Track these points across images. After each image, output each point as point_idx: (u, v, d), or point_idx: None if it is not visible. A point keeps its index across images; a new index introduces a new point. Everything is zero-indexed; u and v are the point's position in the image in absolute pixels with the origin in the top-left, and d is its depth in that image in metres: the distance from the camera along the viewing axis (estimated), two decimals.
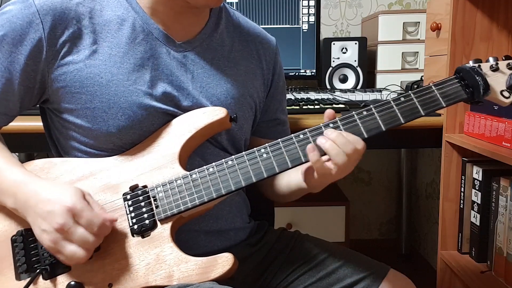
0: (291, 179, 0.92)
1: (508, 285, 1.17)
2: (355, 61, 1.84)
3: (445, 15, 1.40)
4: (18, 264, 0.80)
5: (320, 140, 0.77)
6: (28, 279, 0.79)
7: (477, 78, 0.79)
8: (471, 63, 0.82)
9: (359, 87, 1.84)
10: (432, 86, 0.79)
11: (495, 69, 0.81)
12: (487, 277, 1.24)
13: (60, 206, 0.73)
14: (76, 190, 0.76)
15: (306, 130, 0.79)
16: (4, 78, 0.82)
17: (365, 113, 0.79)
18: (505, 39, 1.30)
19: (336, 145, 0.75)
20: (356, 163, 0.78)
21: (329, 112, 0.80)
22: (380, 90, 1.67)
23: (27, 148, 1.45)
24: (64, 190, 0.76)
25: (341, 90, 1.71)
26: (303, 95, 1.63)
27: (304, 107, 1.42)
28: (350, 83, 1.85)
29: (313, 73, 1.85)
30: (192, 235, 0.89)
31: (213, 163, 0.81)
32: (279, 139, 0.80)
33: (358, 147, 0.76)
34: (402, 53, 1.82)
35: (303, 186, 0.86)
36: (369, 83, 1.88)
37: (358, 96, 1.59)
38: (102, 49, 0.84)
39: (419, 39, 1.81)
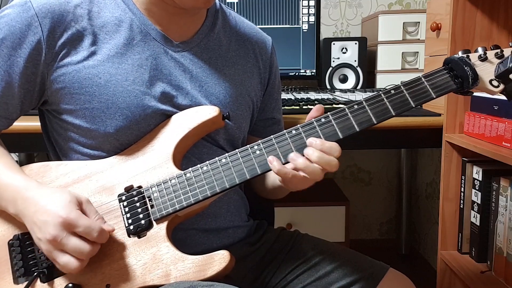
0: (276, 178, 0.92)
1: (508, 285, 1.17)
2: (355, 61, 1.83)
3: (445, 15, 1.39)
4: (16, 268, 0.80)
5: (296, 160, 0.76)
6: (26, 283, 0.79)
7: (466, 68, 0.79)
8: (460, 54, 0.82)
9: (359, 87, 1.83)
10: (422, 78, 0.80)
11: (483, 58, 0.81)
12: (487, 277, 1.23)
13: (54, 217, 0.73)
14: (72, 199, 0.76)
15: (299, 125, 0.79)
16: (3, 81, 0.82)
17: (356, 107, 0.79)
18: (505, 39, 1.30)
19: (311, 163, 0.75)
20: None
21: (318, 106, 0.80)
22: (380, 90, 1.66)
23: (27, 148, 1.45)
24: (61, 199, 0.75)
25: (341, 90, 1.71)
26: (303, 95, 1.62)
27: (304, 107, 1.42)
28: (350, 83, 1.85)
29: (313, 73, 1.85)
30: (190, 234, 0.89)
31: (207, 162, 0.81)
32: (272, 136, 0.80)
33: (335, 154, 0.76)
34: (402, 53, 1.82)
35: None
36: (369, 83, 1.87)
37: (358, 96, 1.59)
38: (100, 50, 0.84)
39: (419, 39, 1.81)
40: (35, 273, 0.79)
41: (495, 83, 0.80)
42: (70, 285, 0.78)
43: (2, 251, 0.82)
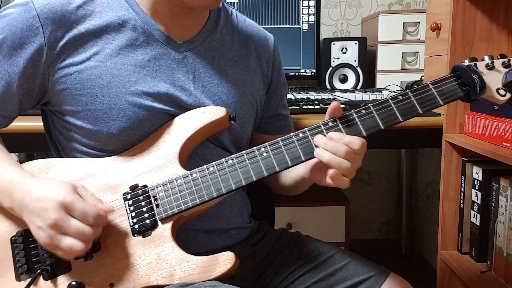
0: (297, 172, 0.92)
1: (508, 285, 1.17)
2: (355, 61, 1.84)
3: (445, 15, 1.40)
4: (18, 264, 0.80)
5: (318, 152, 0.78)
6: (28, 280, 0.79)
7: (474, 76, 0.80)
8: (467, 62, 0.83)
9: (359, 87, 1.84)
10: (430, 85, 0.80)
11: (490, 67, 0.81)
12: (487, 277, 1.24)
13: (51, 202, 0.73)
14: (66, 184, 0.76)
15: (306, 129, 0.80)
16: (3, 81, 0.82)
17: (363, 111, 0.79)
18: (505, 39, 1.30)
19: (334, 155, 0.77)
20: (361, 158, 0.79)
21: (334, 104, 0.80)
22: (380, 90, 1.67)
23: (27, 148, 1.45)
24: (55, 185, 0.75)
25: (341, 90, 1.71)
26: (303, 95, 1.62)
27: (304, 107, 1.42)
28: (350, 83, 1.85)
29: (313, 73, 1.86)
30: (192, 234, 0.89)
31: (213, 162, 0.81)
32: (279, 138, 0.80)
33: (355, 147, 0.77)
34: (402, 53, 1.82)
35: (308, 178, 0.87)
36: (369, 83, 1.88)
37: (358, 96, 1.59)
38: (103, 51, 0.84)
39: (419, 39, 1.82)
40: (38, 270, 0.79)
41: (502, 92, 0.81)
42: (73, 283, 0.78)
43: (4, 248, 0.81)
